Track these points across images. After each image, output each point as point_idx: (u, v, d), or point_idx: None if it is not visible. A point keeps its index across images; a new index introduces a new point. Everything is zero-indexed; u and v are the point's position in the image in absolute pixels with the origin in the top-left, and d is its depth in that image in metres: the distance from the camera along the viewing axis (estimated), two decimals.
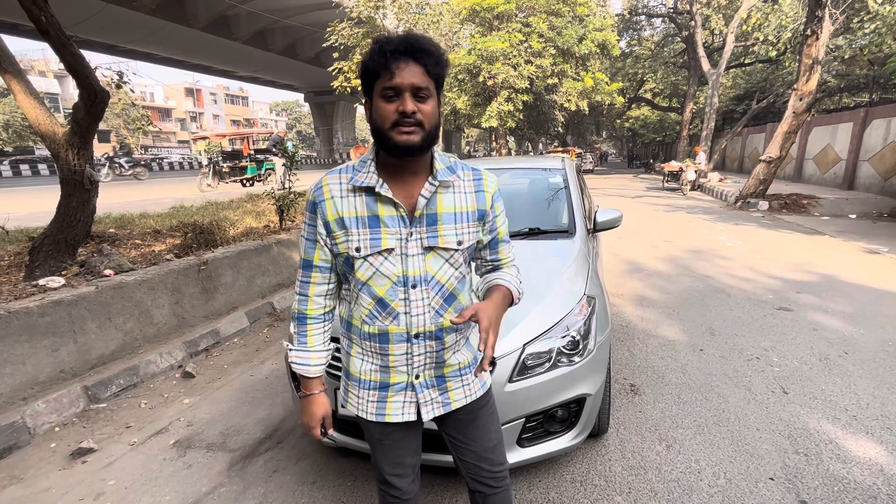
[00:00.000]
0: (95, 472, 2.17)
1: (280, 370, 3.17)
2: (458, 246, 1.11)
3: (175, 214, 6.23)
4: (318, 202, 1.09)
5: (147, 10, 22.22)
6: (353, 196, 1.07)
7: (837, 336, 3.50)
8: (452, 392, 1.19)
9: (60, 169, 3.46)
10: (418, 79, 0.98)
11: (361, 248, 1.06)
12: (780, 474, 2.03)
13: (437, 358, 1.15)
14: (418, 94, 0.99)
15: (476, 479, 1.28)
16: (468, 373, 1.21)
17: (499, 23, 15.85)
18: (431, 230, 1.08)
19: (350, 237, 1.06)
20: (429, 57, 0.99)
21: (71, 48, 3.20)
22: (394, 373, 1.14)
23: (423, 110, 1.00)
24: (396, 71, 0.96)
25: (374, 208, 1.06)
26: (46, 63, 39.70)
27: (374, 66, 0.98)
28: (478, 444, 1.26)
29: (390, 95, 0.98)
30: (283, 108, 77.55)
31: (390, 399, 1.15)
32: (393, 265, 1.07)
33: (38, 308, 2.64)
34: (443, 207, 1.10)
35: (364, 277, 1.08)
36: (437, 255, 1.10)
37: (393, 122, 0.99)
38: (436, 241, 1.09)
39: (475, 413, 1.25)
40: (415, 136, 1.00)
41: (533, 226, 2.84)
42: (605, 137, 49.45)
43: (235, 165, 15.66)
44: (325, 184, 1.10)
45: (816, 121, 14.73)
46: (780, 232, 8.04)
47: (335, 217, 1.07)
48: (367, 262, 1.07)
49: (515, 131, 23.61)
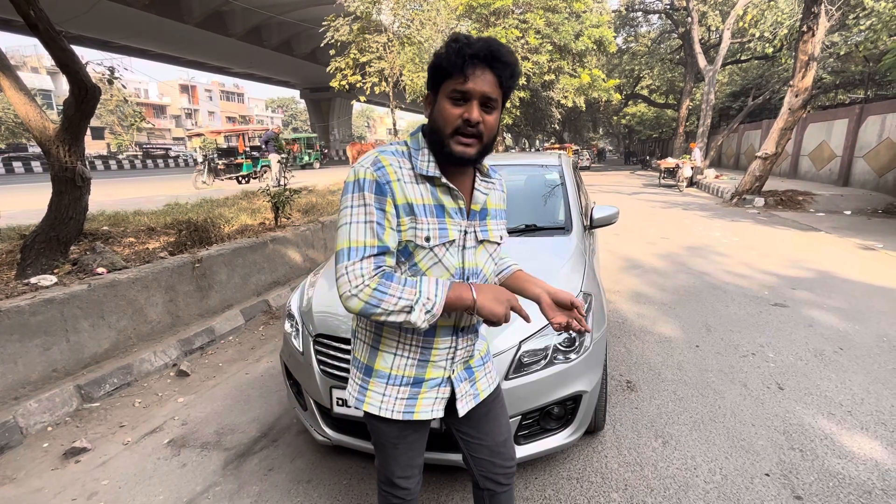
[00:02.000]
0: (89, 472, 2.15)
1: (275, 368, 3.15)
2: (500, 240, 1.17)
3: (169, 212, 6.18)
4: (384, 182, 0.98)
5: (141, 5, 22.00)
6: (417, 183, 1.03)
7: (832, 332, 3.52)
8: (479, 382, 1.21)
9: (52, 166, 3.42)
10: (490, 88, 0.96)
11: (431, 238, 1.03)
12: (775, 470, 2.03)
13: (472, 351, 1.19)
14: (486, 104, 0.98)
15: (487, 477, 1.27)
16: (489, 360, 1.25)
17: (495, 19, 15.78)
18: (483, 224, 1.12)
19: (419, 225, 1.01)
20: (505, 68, 0.97)
21: (61, 43, 3.15)
22: (432, 367, 1.11)
23: (487, 122, 0.99)
24: (471, 76, 0.95)
25: (439, 198, 1.05)
26: (39, 59, 39.31)
27: (449, 66, 0.96)
28: (491, 439, 1.25)
29: (458, 99, 0.97)
30: (278, 105, 77.17)
31: (422, 395, 1.12)
32: (453, 256, 1.07)
33: (29, 307, 2.61)
34: (490, 204, 1.15)
35: (425, 267, 1.04)
36: (485, 249, 1.14)
37: (455, 128, 0.98)
38: (486, 235, 1.13)
39: (489, 406, 1.24)
40: (471, 148, 1.00)
41: (529, 222, 2.83)
42: (601, 134, 49.49)
43: (231, 162, 15.59)
44: (385, 164, 1.00)
45: (812, 117, 14.77)
46: (776, 228, 8.07)
47: (404, 202, 1.00)
48: (433, 252, 1.04)
49: (512, 128, 23.56)
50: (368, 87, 13.64)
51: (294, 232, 5.03)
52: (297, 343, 2.05)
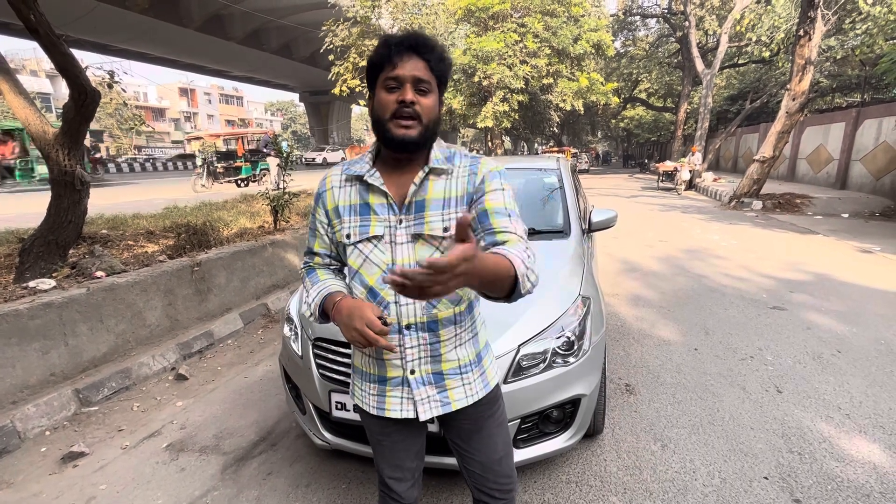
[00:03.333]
0: (86, 476, 2.14)
1: (274, 372, 3.15)
2: (444, 233, 1.06)
3: (168, 215, 6.18)
4: (321, 192, 1.16)
5: (140, 9, 22.08)
6: (348, 186, 1.13)
7: (831, 335, 3.52)
8: (452, 391, 1.14)
9: (51, 169, 3.42)
10: (420, 72, 1.00)
11: (351, 235, 1.10)
12: (774, 473, 2.03)
13: (433, 352, 1.11)
14: (419, 87, 1.01)
15: (480, 490, 1.25)
16: (469, 371, 1.15)
17: (494, 23, 15.85)
18: (418, 217, 1.06)
19: (343, 224, 1.11)
20: (431, 52, 1.02)
21: (61, 47, 3.16)
22: (389, 366, 1.12)
23: (423, 103, 1.01)
24: (399, 63, 0.99)
25: (366, 197, 1.10)
26: (38, 63, 39.30)
27: (378, 59, 1.01)
28: (483, 455, 1.21)
29: (392, 87, 1.01)
30: (278, 108, 77.24)
31: (388, 394, 1.14)
32: (382, 253, 1.08)
33: (27, 310, 2.60)
34: (432, 194, 1.07)
35: (355, 265, 1.11)
36: (426, 244, 1.07)
37: (392, 113, 1.00)
38: (421, 229, 1.06)
39: (480, 423, 1.20)
40: (412, 130, 1.01)
41: (528, 226, 2.83)
42: (600, 137, 49.61)
43: (230, 166, 15.58)
44: (328, 176, 1.17)
45: (809, 121, 14.84)
46: (774, 231, 8.09)
47: (333, 206, 1.13)
48: (357, 248, 1.10)
49: (511, 131, 23.62)
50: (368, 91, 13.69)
51: (293, 235, 5.04)
52: (295, 347, 2.05)
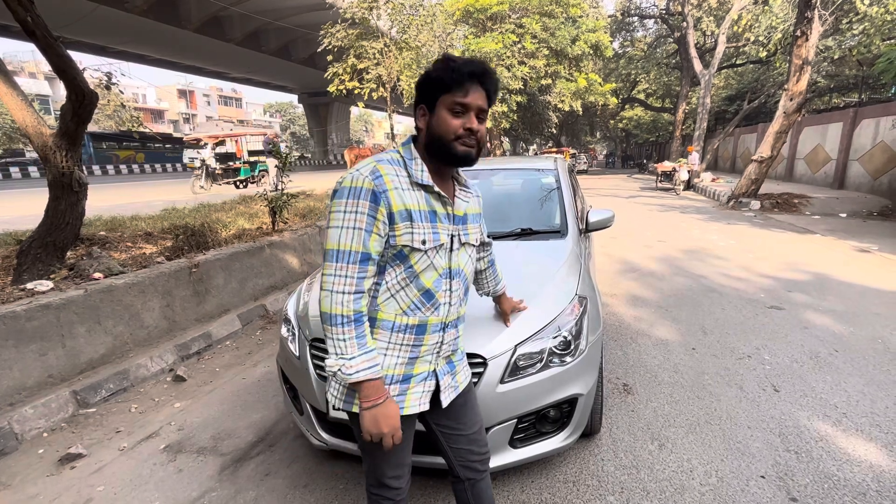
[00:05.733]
0: (84, 478, 2.14)
1: (272, 373, 3.15)
2: (476, 243, 1.30)
3: (167, 217, 6.18)
4: (380, 191, 1.07)
5: (138, 11, 22.07)
6: (413, 190, 1.14)
7: (828, 334, 3.53)
8: (459, 375, 1.32)
9: (49, 171, 3.42)
10: (483, 102, 1.13)
11: (427, 241, 1.13)
12: (771, 472, 2.04)
13: (455, 345, 1.29)
14: (479, 116, 1.13)
15: (466, 466, 1.36)
16: (463, 356, 1.38)
17: (492, 24, 15.88)
18: (465, 228, 1.24)
19: (415, 230, 1.11)
20: (493, 85, 1.14)
21: (58, 49, 3.16)
22: (419, 363, 1.19)
23: (481, 131, 1.15)
24: (470, 91, 1.10)
25: (432, 204, 1.16)
26: (36, 64, 39.28)
27: (451, 82, 1.09)
28: (468, 428, 1.35)
29: (458, 111, 1.11)
30: (276, 110, 77.15)
31: (410, 391, 1.18)
32: (442, 259, 1.17)
33: (25, 312, 2.60)
34: (469, 209, 1.27)
35: (419, 269, 1.14)
36: (466, 251, 1.25)
37: (457, 136, 1.11)
38: (468, 238, 1.25)
39: (465, 396, 1.35)
40: (473, 150, 1.15)
41: (525, 226, 2.84)
42: (599, 138, 49.69)
43: (229, 167, 15.57)
44: (384, 174, 1.09)
45: (807, 121, 14.88)
46: (772, 231, 8.11)
47: (400, 209, 1.10)
48: (427, 255, 1.14)
49: (510, 132, 23.64)
50: (366, 93, 13.69)
51: (291, 236, 5.04)
52: (293, 347, 2.05)
